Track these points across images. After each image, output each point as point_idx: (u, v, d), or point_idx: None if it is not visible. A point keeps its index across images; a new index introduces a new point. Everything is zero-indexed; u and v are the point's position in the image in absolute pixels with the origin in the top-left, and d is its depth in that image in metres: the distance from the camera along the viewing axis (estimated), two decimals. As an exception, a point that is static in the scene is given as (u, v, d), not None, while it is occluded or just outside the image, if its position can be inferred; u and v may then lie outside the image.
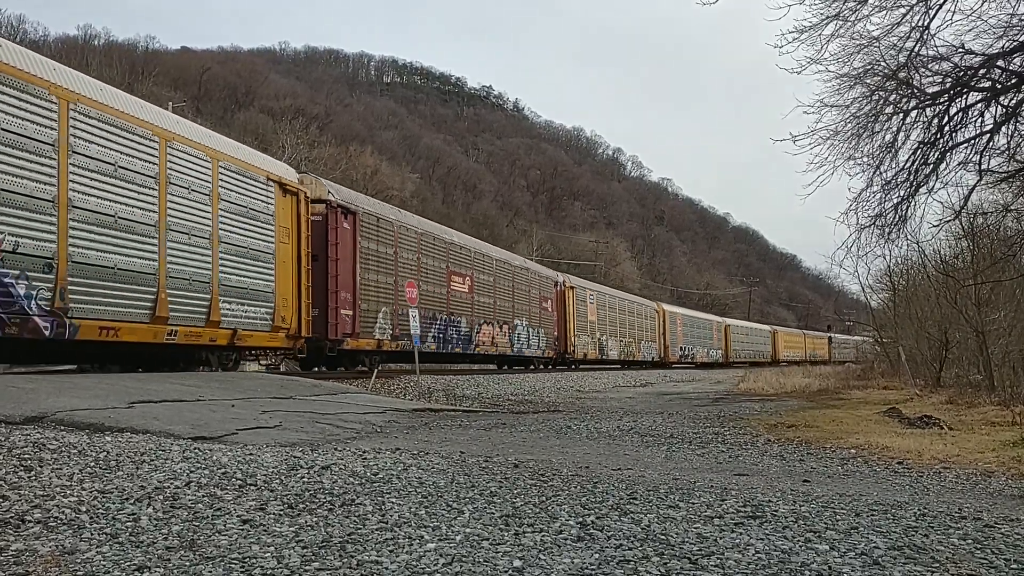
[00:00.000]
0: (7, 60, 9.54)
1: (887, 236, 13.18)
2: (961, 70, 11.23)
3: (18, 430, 5.10)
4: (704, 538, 3.25)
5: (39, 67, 10.08)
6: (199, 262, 12.41)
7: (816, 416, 11.33)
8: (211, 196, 12.77)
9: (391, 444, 6.48)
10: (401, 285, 18.83)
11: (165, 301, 11.59)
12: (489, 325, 24.25)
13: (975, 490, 5.37)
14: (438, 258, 21.35)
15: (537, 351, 28.28)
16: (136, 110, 11.66)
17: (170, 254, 11.79)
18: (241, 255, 13.44)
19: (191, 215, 12.30)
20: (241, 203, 13.53)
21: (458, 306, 22.21)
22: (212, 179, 12.83)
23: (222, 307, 12.83)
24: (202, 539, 3.03)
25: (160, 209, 11.68)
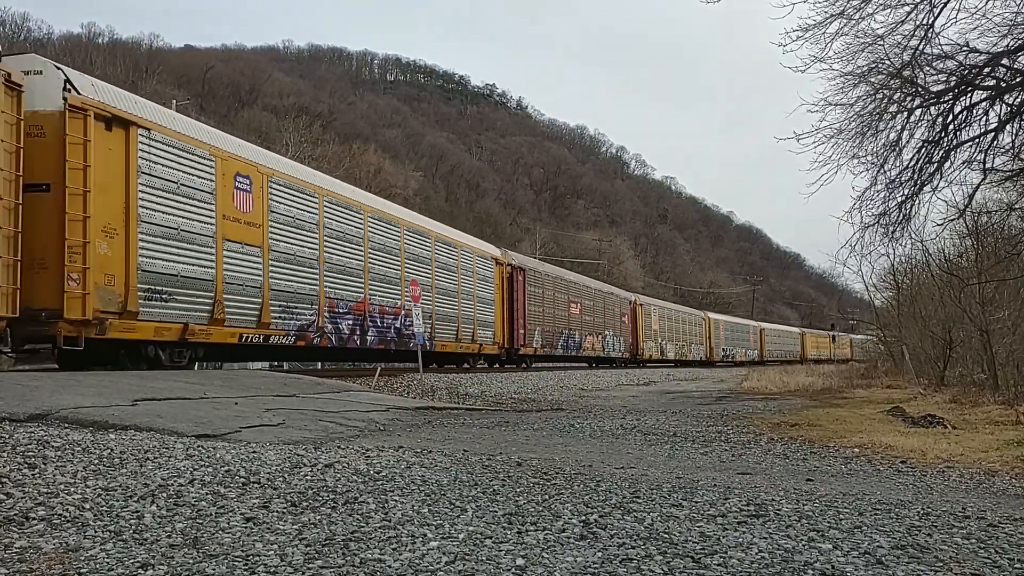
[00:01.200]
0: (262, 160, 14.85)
1: (891, 235, 13.18)
2: (965, 68, 11.20)
3: (22, 427, 5.11)
4: (707, 537, 3.25)
5: (307, 175, 16.59)
6: (468, 308, 22.87)
7: (819, 415, 11.32)
8: (472, 273, 23.49)
9: (394, 442, 6.48)
10: (547, 313, 29.20)
11: (463, 331, 22.46)
12: (590, 336, 33.64)
13: (979, 489, 5.36)
14: (562, 292, 31.01)
15: (618, 353, 37.32)
16: (351, 194, 18.16)
17: (459, 306, 22.37)
18: (485, 303, 24.44)
19: (461, 284, 22.64)
20: (480, 275, 24.18)
21: (574, 324, 31.77)
22: (472, 263, 23.60)
23: (479, 332, 23.53)
24: (205, 537, 3.04)
25: (432, 281, 20.77)
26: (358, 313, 17.15)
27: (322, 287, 15.82)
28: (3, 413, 5.58)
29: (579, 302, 32.39)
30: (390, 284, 18.60)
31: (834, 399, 16.57)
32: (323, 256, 15.90)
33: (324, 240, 15.99)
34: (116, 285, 11.04)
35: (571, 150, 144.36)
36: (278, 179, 14.71)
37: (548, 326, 29.02)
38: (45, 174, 10.42)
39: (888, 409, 11.86)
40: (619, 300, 38.41)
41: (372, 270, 17.85)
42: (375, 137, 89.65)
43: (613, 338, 36.34)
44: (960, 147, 12.02)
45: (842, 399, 16.50)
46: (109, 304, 10.89)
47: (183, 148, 12.34)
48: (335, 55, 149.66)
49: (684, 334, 47.98)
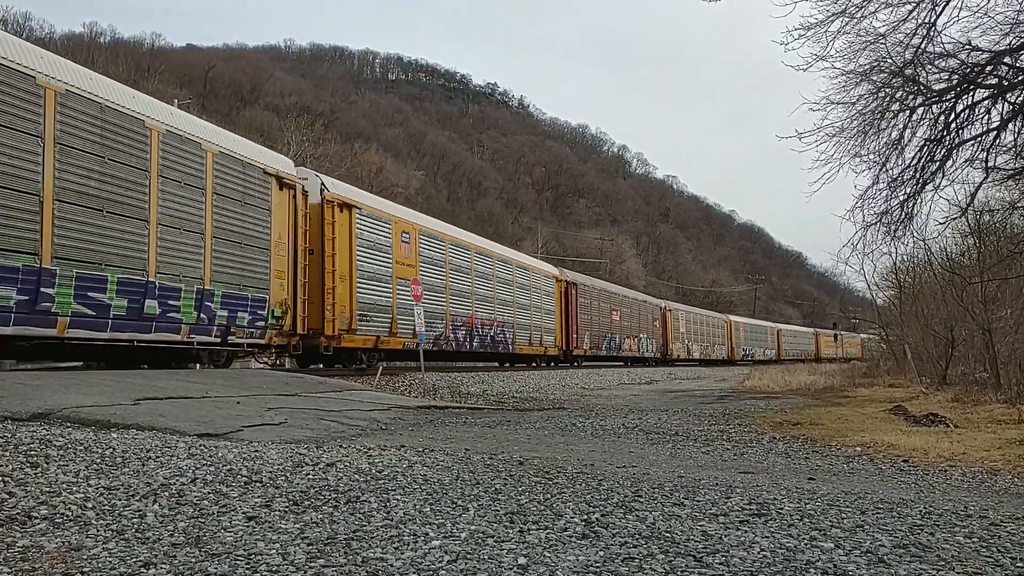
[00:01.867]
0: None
1: (893, 233, 13.15)
2: (968, 67, 11.18)
3: (24, 427, 5.11)
4: (709, 536, 3.25)
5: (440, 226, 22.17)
6: (536, 319, 28.21)
7: (821, 414, 11.31)
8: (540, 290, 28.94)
9: (396, 441, 6.49)
10: (593, 320, 34.00)
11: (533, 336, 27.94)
12: (628, 338, 38.45)
13: (981, 488, 5.36)
14: (606, 302, 35.96)
15: (651, 353, 41.96)
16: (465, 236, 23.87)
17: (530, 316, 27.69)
18: (548, 313, 29.57)
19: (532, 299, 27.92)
20: (544, 291, 29.37)
21: (615, 329, 36.76)
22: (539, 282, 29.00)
23: (545, 337, 28.99)
24: (207, 536, 3.04)
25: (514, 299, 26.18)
26: (468, 326, 22.75)
27: (448, 308, 21.42)
28: (6, 412, 5.59)
29: (619, 310, 37.55)
30: (487, 303, 24.05)
31: (836, 398, 16.55)
32: (448, 284, 21.54)
33: (449, 272, 21.64)
34: (346, 312, 16.62)
35: (573, 149, 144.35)
36: (424, 232, 20.57)
37: (595, 331, 34.22)
38: (312, 243, 15.99)
39: (890, 408, 11.84)
40: (651, 307, 43.70)
41: (476, 292, 23.32)
42: (377, 136, 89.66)
43: (647, 340, 41.47)
44: (962, 146, 12.00)
45: (844, 398, 16.49)
46: (342, 324, 16.46)
47: (376, 218, 18.19)
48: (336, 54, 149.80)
49: (708, 336, 52.17)
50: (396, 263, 18.67)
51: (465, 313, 22.35)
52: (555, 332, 30.08)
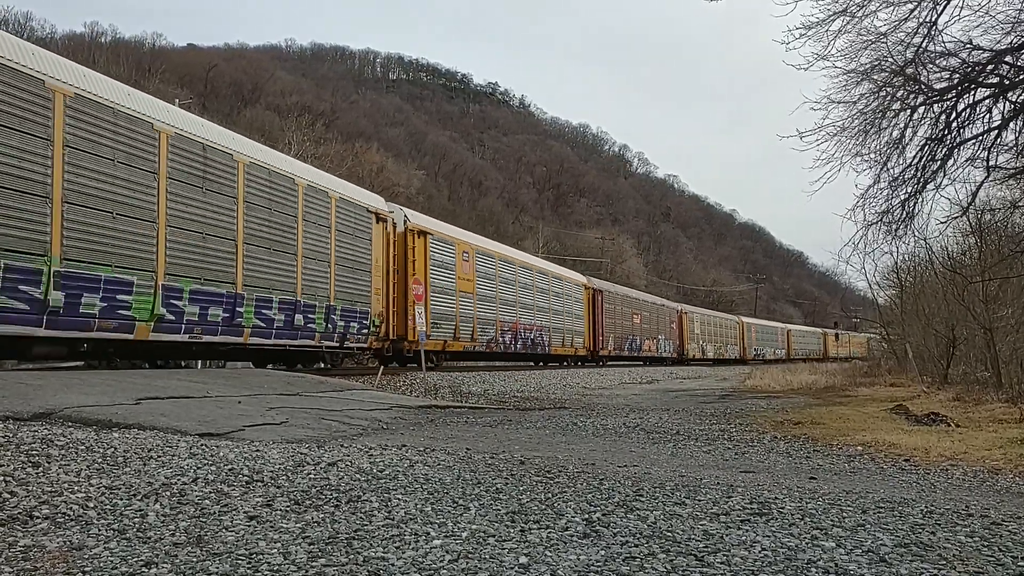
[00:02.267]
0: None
1: (894, 233, 13.15)
2: (969, 66, 11.17)
3: (26, 426, 5.12)
4: (710, 535, 3.25)
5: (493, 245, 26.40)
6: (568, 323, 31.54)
7: (823, 413, 11.31)
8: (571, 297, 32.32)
9: (397, 441, 6.49)
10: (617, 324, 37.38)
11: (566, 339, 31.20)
12: (648, 340, 41.81)
13: (982, 487, 5.36)
14: (628, 307, 39.31)
15: (668, 353, 45.19)
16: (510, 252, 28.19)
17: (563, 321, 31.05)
18: (578, 318, 33.09)
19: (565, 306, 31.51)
20: (575, 298, 32.87)
21: (636, 331, 40.00)
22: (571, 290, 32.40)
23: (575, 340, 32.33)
24: (209, 535, 3.04)
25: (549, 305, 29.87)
26: (513, 330, 26.47)
27: (497, 315, 25.12)
28: (7, 412, 5.59)
29: (640, 313, 41.01)
30: (528, 310, 27.97)
31: (837, 397, 16.55)
32: (498, 295, 25.34)
33: (499, 284, 25.50)
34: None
35: (574, 148, 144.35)
36: (479, 250, 24.26)
37: (618, 333, 37.64)
38: (398, 264, 19.64)
39: (891, 407, 11.85)
40: (669, 310, 47.16)
41: (520, 301, 27.18)
42: (378, 136, 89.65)
43: (664, 341, 44.82)
44: (963, 145, 11.99)
45: (845, 397, 16.48)
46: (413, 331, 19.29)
47: (444, 241, 21.89)
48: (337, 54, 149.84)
49: (721, 336, 55.18)
50: (458, 278, 22.36)
51: (511, 319, 26.25)
52: (584, 334, 33.69)
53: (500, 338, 25.06)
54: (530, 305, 28.05)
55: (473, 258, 23.43)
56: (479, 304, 23.46)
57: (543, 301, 29.31)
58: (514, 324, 26.26)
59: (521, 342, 26.93)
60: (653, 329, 42.65)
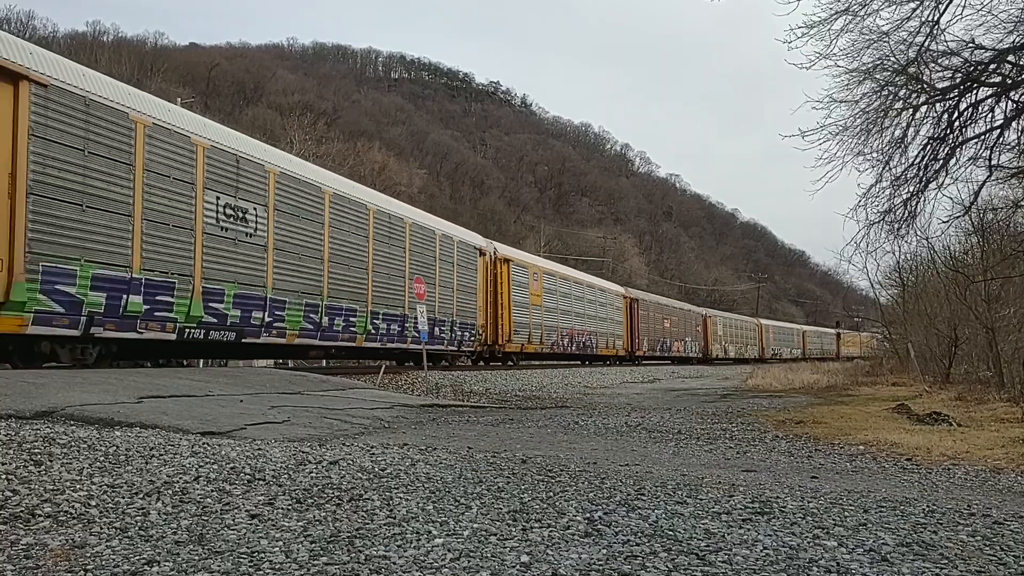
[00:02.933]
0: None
1: (896, 232, 13.15)
2: (971, 65, 11.16)
3: (28, 424, 5.13)
4: (712, 534, 3.25)
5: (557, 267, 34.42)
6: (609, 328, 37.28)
7: (824, 412, 11.31)
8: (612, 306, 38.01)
9: (399, 439, 6.49)
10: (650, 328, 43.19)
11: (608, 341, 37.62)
12: (676, 341, 47.31)
13: (984, 487, 5.35)
14: (659, 313, 45.15)
15: (694, 354, 50.28)
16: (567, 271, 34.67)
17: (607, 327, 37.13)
18: (617, 323, 38.68)
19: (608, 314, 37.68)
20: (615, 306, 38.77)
21: (666, 334, 45.70)
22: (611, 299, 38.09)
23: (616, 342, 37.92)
24: (211, 533, 3.04)
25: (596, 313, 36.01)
26: (570, 335, 32.49)
27: (558, 323, 31.12)
28: (9, 410, 5.60)
29: (669, 318, 46.69)
30: (580, 318, 33.88)
31: (839, 396, 16.55)
32: (558, 307, 31.29)
33: (559, 298, 31.44)
34: (506, 329, 25.88)
35: (575, 148, 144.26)
36: (545, 271, 30.70)
37: (651, 336, 43.37)
38: (490, 286, 25.43)
39: (893, 407, 11.84)
40: (695, 315, 52.77)
41: (574, 311, 33.08)
42: (379, 135, 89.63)
43: (691, 342, 50.27)
44: (966, 144, 11.98)
45: (847, 396, 16.48)
46: (505, 337, 25.86)
47: (521, 266, 27.74)
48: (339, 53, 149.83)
49: (742, 338, 60.40)
50: (531, 295, 28.42)
51: (568, 326, 32.29)
52: (623, 337, 39.61)
53: (560, 341, 31.11)
54: (581, 314, 34.01)
55: (541, 278, 29.57)
56: (545, 315, 29.70)
57: (591, 310, 35.31)
58: (570, 330, 32.40)
59: (575, 345, 32.91)
60: (681, 332, 48.30)
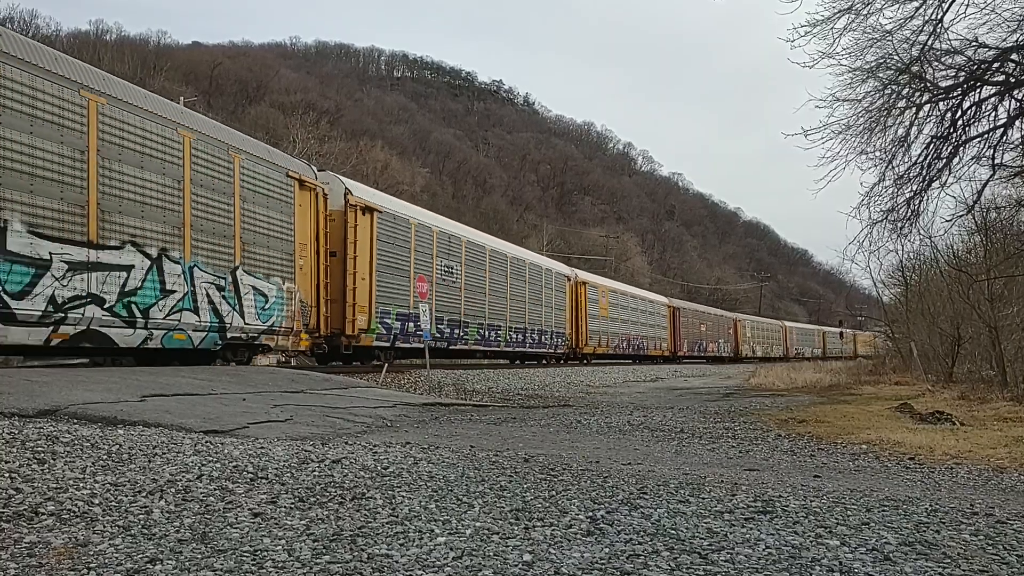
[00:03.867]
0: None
1: (899, 231, 13.15)
2: (975, 64, 11.15)
3: (31, 423, 5.14)
4: (714, 533, 3.25)
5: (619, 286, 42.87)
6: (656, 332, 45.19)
7: (827, 411, 11.30)
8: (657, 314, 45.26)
9: (401, 438, 6.49)
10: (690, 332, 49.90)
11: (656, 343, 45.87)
12: (711, 343, 54.46)
13: (987, 486, 5.34)
14: (697, 319, 52.06)
15: (726, 353, 57.22)
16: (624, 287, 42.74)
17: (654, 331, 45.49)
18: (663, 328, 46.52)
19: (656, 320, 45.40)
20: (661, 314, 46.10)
21: (703, 336, 52.51)
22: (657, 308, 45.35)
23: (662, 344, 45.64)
24: (214, 532, 3.05)
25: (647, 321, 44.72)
26: (627, 339, 39.52)
27: (619, 330, 38.01)
28: (13, 409, 5.61)
29: (705, 323, 53.69)
30: (635, 325, 40.92)
31: (842, 395, 16.53)
32: (620, 317, 37.98)
33: (619, 310, 38.14)
34: (584, 335, 34.30)
35: (578, 146, 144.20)
36: (611, 289, 38.05)
37: (690, 339, 50.11)
38: (573, 302, 32.93)
39: (896, 406, 11.83)
40: (727, 319, 60.09)
41: (630, 320, 39.94)
42: (382, 133, 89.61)
43: (724, 343, 57.31)
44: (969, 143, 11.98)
45: (850, 396, 16.47)
46: (583, 341, 34.12)
47: (595, 286, 35.61)
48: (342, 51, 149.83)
49: (768, 339, 67.76)
50: (600, 308, 35.72)
51: (626, 332, 39.50)
52: (667, 340, 46.75)
53: (621, 344, 38.51)
54: (636, 322, 41.33)
55: (607, 295, 37.23)
56: (610, 324, 37.07)
57: (643, 319, 42.75)
58: (628, 335, 39.65)
59: (632, 347, 40.45)
60: (715, 334, 55.41)
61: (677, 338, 47.43)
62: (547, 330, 29.44)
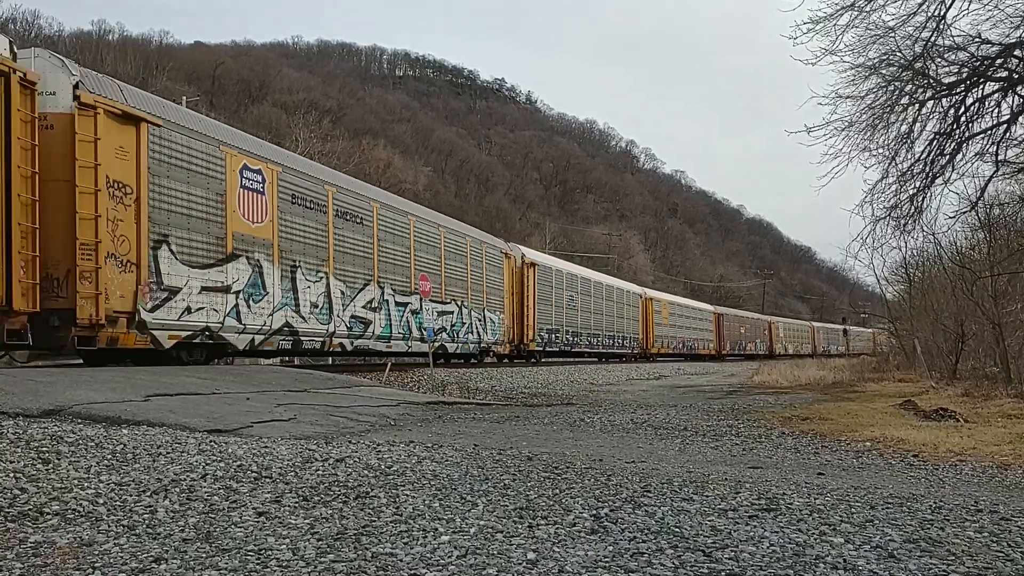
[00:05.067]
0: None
1: (903, 227, 13.13)
2: (978, 60, 11.13)
3: (36, 423, 5.15)
4: (718, 531, 3.25)
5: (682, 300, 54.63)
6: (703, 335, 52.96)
7: (831, 409, 11.29)
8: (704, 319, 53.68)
9: (405, 437, 6.50)
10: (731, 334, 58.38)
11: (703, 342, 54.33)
12: (748, 342, 61.38)
13: (991, 483, 5.34)
14: (738, 323, 59.92)
15: (762, 352, 62.85)
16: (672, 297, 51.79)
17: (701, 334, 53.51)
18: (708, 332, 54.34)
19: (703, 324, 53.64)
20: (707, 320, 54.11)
21: (743, 337, 59.50)
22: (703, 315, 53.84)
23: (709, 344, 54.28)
24: (218, 531, 3.05)
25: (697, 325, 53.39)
26: (683, 341, 47.52)
27: (677, 334, 46.61)
28: (17, 409, 5.62)
29: (744, 325, 61.46)
30: (688, 330, 48.58)
31: (845, 393, 16.52)
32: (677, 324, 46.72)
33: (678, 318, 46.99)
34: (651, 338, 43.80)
35: (581, 144, 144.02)
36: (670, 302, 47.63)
37: (732, 340, 57.36)
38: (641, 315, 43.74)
39: (900, 403, 11.81)
40: (763, 321, 68.07)
41: (683, 325, 47.44)
42: (384, 132, 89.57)
43: (760, 343, 64.47)
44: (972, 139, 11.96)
45: (853, 393, 16.45)
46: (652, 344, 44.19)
47: (658, 301, 45.32)
48: (344, 50, 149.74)
49: (798, 338, 74.71)
50: (663, 318, 44.24)
51: (682, 336, 47.65)
52: (713, 341, 53.99)
53: (678, 346, 46.80)
54: (690, 328, 49.27)
55: (668, 307, 45.84)
56: (670, 329, 45.66)
57: (695, 324, 50.44)
58: (683, 338, 47.78)
59: (686, 347, 48.19)
60: (752, 335, 63.25)
61: (721, 339, 55.26)
62: (627, 336, 39.08)
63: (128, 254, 10.53)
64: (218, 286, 12.17)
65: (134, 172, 10.70)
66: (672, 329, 46.27)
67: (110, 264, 10.16)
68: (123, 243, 10.46)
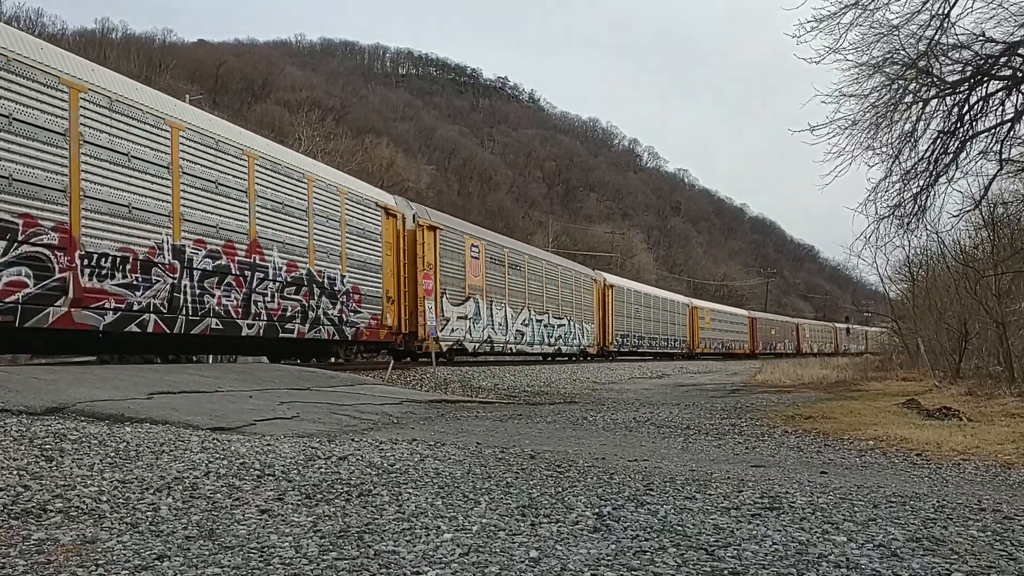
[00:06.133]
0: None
1: (906, 226, 13.12)
2: (982, 58, 11.11)
3: (39, 420, 5.16)
4: (721, 529, 3.25)
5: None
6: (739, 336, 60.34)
7: (834, 408, 11.27)
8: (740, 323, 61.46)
9: (408, 435, 6.50)
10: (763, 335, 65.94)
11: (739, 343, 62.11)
12: (779, 342, 67.14)
13: (995, 482, 5.33)
14: (768, 325, 67.09)
15: (790, 350, 67.59)
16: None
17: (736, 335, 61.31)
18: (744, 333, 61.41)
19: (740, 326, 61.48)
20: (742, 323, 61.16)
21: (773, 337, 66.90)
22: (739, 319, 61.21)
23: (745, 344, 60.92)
24: (221, 529, 3.06)
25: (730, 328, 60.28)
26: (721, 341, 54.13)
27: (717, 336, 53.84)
28: (20, 406, 5.63)
29: (775, 327, 67.51)
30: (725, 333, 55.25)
31: (848, 392, 16.50)
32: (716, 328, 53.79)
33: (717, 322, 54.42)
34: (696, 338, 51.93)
35: (583, 143, 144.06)
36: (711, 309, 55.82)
37: (764, 340, 63.15)
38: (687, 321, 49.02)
39: (903, 402, 11.78)
40: (791, 324, 74.18)
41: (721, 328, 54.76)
42: (387, 131, 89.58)
43: (788, 342, 69.95)
44: (976, 137, 11.94)
45: (857, 392, 16.43)
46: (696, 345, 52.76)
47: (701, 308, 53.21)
48: (347, 49, 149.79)
49: (823, 338, 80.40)
50: (706, 323, 50.53)
51: (721, 337, 53.66)
52: (748, 342, 60.03)
53: (718, 347, 52.73)
54: (727, 330, 55.45)
55: (710, 313, 52.19)
56: (712, 332, 51.59)
57: (732, 328, 56.71)
58: (722, 340, 54.08)
59: (725, 348, 54.25)
60: (782, 335, 69.23)
61: (755, 340, 61.73)
62: (678, 339, 46.03)
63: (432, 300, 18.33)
64: (462, 315, 20.93)
65: (434, 255, 19.42)
66: (713, 332, 53.41)
67: (428, 306, 18.08)
68: (431, 295, 18.29)
